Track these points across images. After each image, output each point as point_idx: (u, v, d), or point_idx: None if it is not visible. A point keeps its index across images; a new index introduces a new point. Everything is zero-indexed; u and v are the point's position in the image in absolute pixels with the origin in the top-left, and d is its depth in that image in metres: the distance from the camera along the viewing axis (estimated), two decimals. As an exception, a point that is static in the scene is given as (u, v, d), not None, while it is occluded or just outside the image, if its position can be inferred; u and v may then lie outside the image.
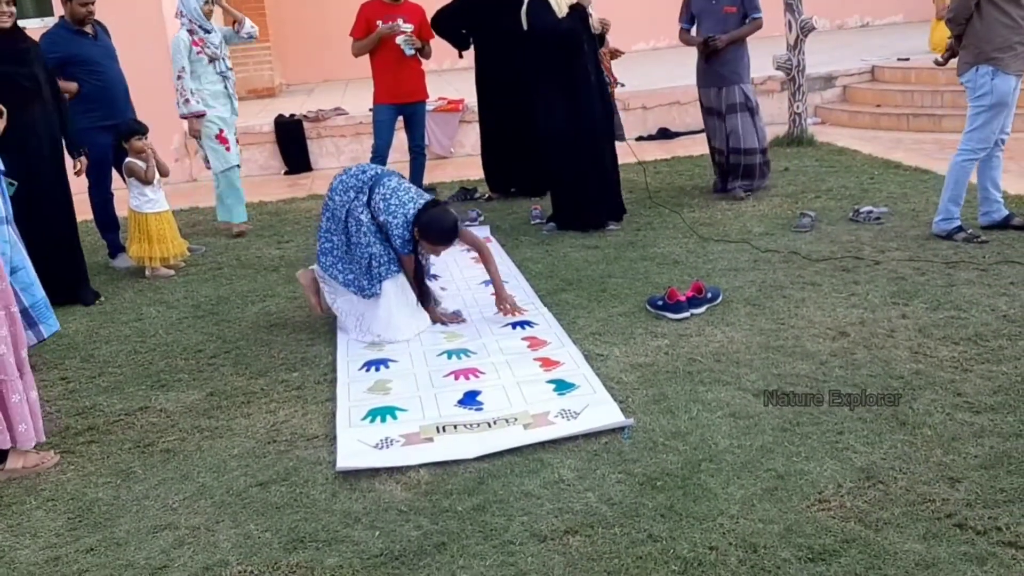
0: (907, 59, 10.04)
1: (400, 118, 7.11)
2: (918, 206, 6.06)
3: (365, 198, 4.48)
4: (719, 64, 6.61)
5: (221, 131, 6.60)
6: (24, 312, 4.13)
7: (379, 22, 6.78)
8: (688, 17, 6.78)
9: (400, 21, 6.79)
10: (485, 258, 4.71)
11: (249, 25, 6.81)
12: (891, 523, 2.69)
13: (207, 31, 6.51)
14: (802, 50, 8.43)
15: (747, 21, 6.56)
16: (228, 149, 6.66)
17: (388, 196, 4.42)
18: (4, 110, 4.19)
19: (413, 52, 6.83)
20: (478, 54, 7.40)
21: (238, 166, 6.82)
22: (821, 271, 4.95)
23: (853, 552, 2.57)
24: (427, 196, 4.61)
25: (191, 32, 6.44)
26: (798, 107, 8.50)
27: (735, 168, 6.67)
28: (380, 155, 7.03)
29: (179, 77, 6.38)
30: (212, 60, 6.49)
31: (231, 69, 6.74)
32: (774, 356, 3.91)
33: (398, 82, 6.91)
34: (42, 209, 5.19)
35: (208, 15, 6.53)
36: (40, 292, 4.34)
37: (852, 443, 3.16)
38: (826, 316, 4.32)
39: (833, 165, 7.56)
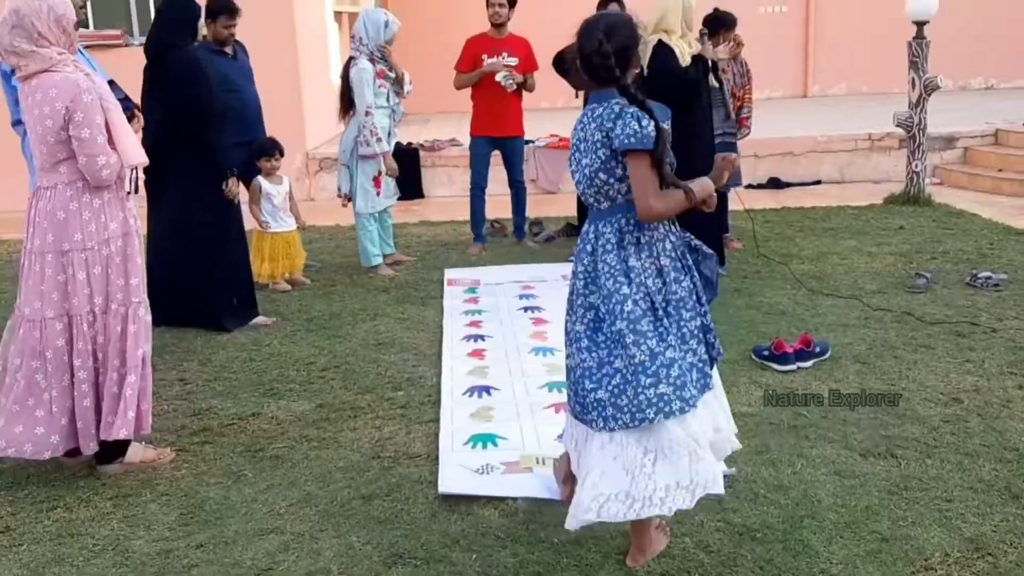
0: (1034, 124, 9.74)
1: (497, 152, 7.18)
2: (1040, 275, 5.86)
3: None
4: None
5: (379, 174, 6.44)
6: None
7: (484, 56, 6.90)
8: None
9: (505, 55, 6.90)
10: None
11: (409, 80, 6.54)
12: (1001, 598, 2.61)
13: (386, 60, 6.33)
14: (924, 108, 8.28)
15: None
16: (379, 194, 6.50)
17: None
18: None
19: (514, 87, 6.91)
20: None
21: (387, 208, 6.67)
22: (934, 334, 4.83)
23: (960, 624, 2.51)
24: None
25: (372, 62, 6.26)
26: (916, 166, 8.33)
27: None
28: (478, 187, 7.14)
29: (367, 114, 6.20)
30: (388, 93, 6.38)
31: (399, 102, 6.55)
32: (882, 417, 3.84)
33: (495, 116, 6.98)
34: (223, 225, 5.30)
35: (388, 55, 6.35)
36: None
37: (962, 511, 3.07)
38: (939, 380, 4.22)
39: (950, 227, 7.37)
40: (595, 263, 2.82)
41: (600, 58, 2.70)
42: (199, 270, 5.23)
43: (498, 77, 6.83)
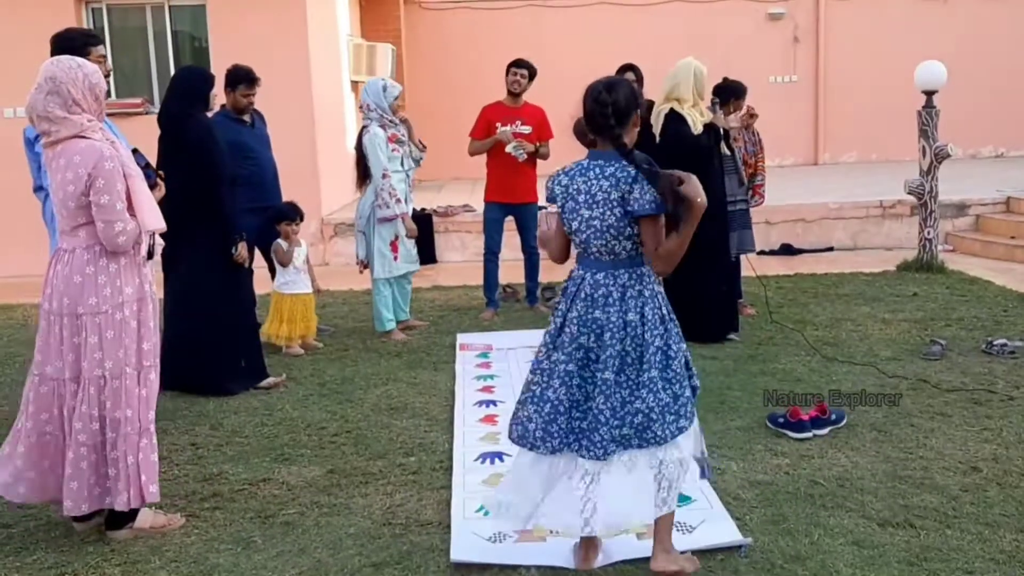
0: (1046, 192, 9.78)
1: (511, 218, 7.22)
2: (1057, 343, 5.82)
3: None
4: None
5: (396, 238, 6.45)
6: None
7: (499, 124, 6.99)
8: None
9: (518, 123, 7.00)
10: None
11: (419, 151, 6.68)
12: (1027, 675, 2.55)
13: (396, 123, 6.44)
14: (935, 176, 8.32)
15: None
16: (396, 258, 6.49)
17: None
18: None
19: (524, 157, 6.95)
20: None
21: (408, 273, 6.62)
22: (951, 402, 4.78)
23: None
24: None
25: (383, 127, 6.37)
26: (928, 233, 8.34)
27: None
28: (491, 252, 7.19)
29: (384, 177, 6.26)
30: (402, 157, 6.45)
31: (413, 167, 6.63)
32: (901, 486, 3.78)
33: (508, 182, 7.04)
34: (232, 289, 5.37)
35: (396, 111, 6.42)
36: None
37: (984, 585, 3.02)
38: (957, 449, 4.17)
39: (964, 294, 7.35)
40: (592, 311, 3.01)
41: (599, 107, 2.93)
42: (207, 333, 5.25)
43: (508, 148, 6.91)
